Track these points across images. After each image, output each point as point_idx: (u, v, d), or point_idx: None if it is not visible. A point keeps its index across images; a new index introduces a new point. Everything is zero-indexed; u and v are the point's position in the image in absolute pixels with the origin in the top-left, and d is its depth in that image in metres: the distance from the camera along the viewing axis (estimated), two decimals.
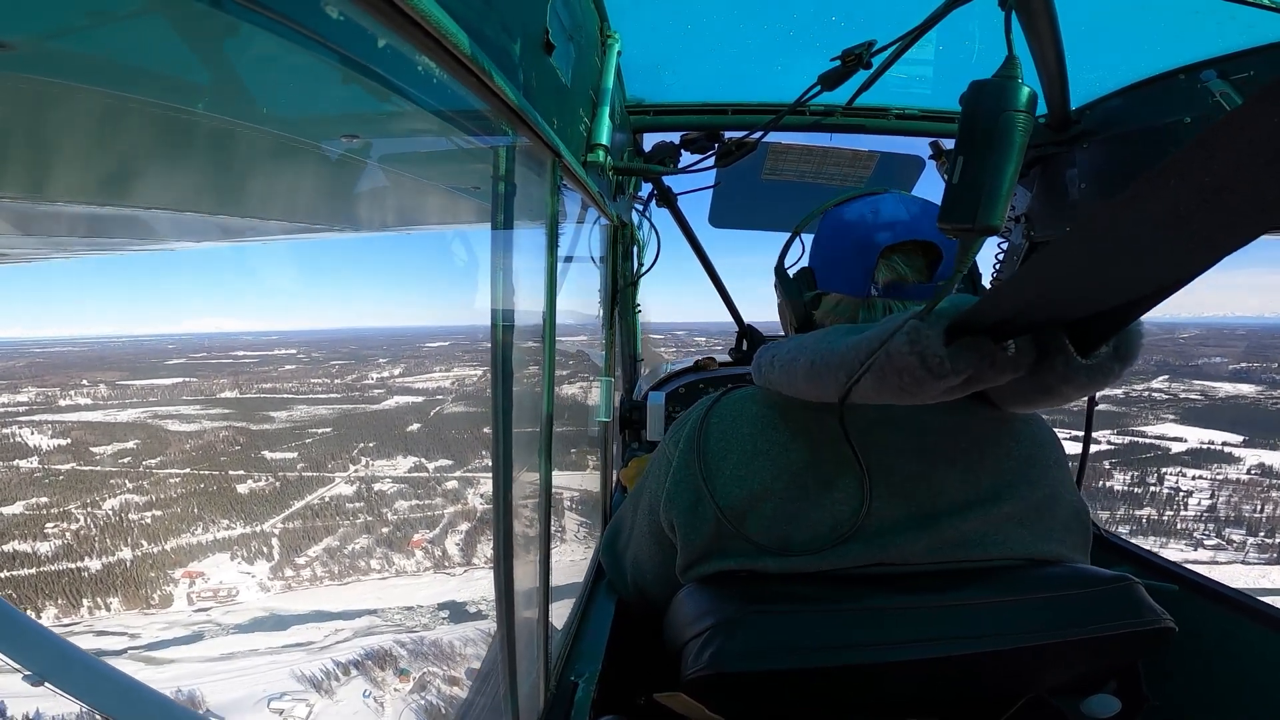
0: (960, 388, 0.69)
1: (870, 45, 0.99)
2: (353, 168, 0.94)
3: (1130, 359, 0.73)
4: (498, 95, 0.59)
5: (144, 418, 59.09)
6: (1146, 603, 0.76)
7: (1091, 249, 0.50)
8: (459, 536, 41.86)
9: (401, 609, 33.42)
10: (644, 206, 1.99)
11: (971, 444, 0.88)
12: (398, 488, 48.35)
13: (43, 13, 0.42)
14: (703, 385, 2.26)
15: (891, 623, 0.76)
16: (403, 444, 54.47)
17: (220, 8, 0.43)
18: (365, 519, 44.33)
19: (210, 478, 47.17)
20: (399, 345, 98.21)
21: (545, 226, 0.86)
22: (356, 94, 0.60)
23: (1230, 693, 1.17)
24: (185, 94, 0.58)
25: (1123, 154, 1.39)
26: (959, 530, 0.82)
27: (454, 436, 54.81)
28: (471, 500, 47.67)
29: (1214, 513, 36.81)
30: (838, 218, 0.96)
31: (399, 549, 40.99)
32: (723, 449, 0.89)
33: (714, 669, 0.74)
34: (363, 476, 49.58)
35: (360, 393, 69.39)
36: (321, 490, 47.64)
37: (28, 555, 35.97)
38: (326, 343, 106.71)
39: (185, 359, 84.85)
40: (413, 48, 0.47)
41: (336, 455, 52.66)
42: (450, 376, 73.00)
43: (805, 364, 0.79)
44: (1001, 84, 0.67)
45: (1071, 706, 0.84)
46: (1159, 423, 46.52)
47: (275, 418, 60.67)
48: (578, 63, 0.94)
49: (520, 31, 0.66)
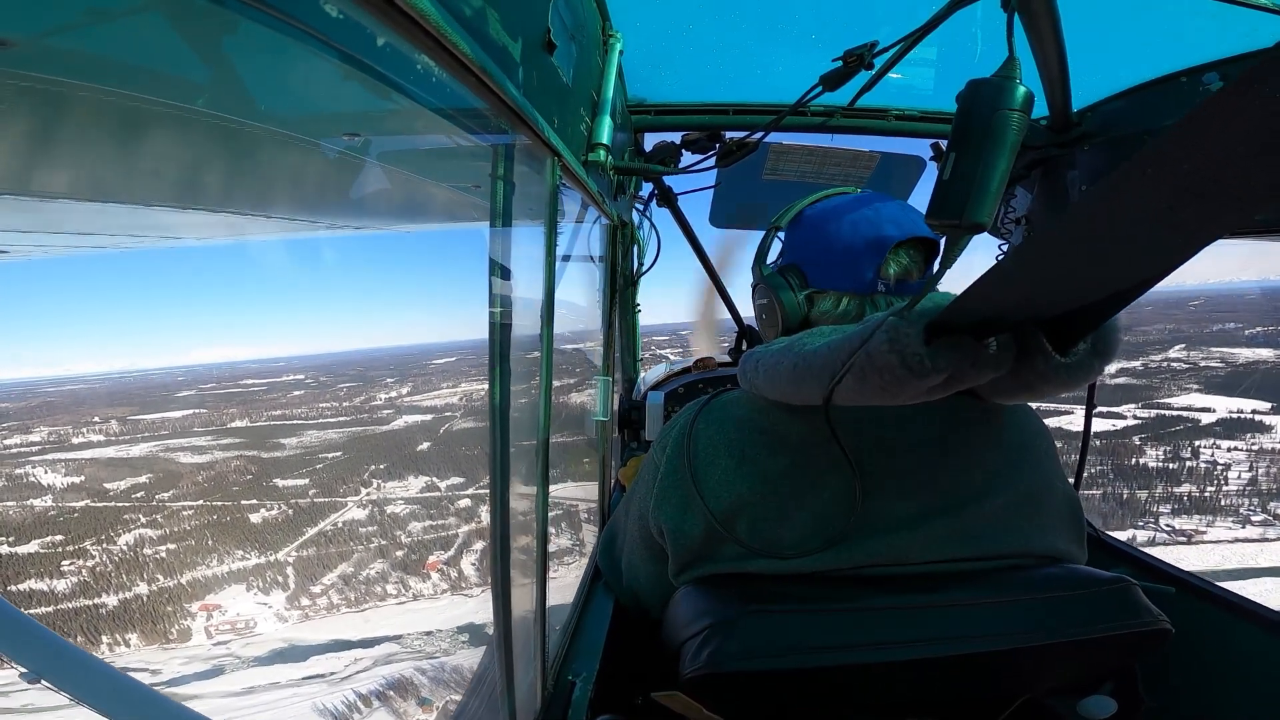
0: (941, 387, 0.69)
1: (872, 46, 0.99)
2: (352, 166, 0.94)
3: (1109, 355, 0.73)
4: (498, 94, 0.59)
5: (156, 451, 59.31)
6: (1143, 604, 0.76)
7: (1073, 243, 0.50)
8: (474, 556, 41.03)
9: (421, 634, 32.60)
10: (644, 206, 1.99)
11: (961, 437, 0.87)
12: (410, 509, 47.71)
13: (43, 11, 0.42)
14: (702, 385, 2.26)
15: (889, 623, 0.76)
16: (414, 464, 54.13)
17: (221, 5, 0.43)
18: (379, 543, 43.63)
19: (223, 508, 46.80)
20: (406, 364, 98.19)
21: (545, 225, 0.86)
22: (356, 92, 0.60)
23: (1226, 694, 1.17)
24: (185, 91, 0.58)
25: (1124, 156, 1.38)
26: (953, 525, 0.83)
27: (464, 454, 54.50)
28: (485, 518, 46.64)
29: (1256, 486, 35.30)
30: (832, 214, 0.95)
31: (415, 572, 40.35)
32: (711, 454, 0.89)
33: (711, 668, 0.74)
34: (375, 499, 48.98)
35: (369, 414, 69.35)
36: (334, 516, 46.88)
37: (45, 594, 35.91)
38: (334, 366, 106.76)
39: (195, 390, 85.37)
40: (413, 47, 0.47)
41: (347, 479, 52.21)
42: (458, 392, 72.77)
43: (789, 367, 0.78)
44: (998, 83, 0.67)
45: (1068, 707, 0.85)
46: (1183, 393, 45.23)
47: (286, 444, 60.65)
48: (579, 62, 0.94)
49: (521, 31, 0.66)
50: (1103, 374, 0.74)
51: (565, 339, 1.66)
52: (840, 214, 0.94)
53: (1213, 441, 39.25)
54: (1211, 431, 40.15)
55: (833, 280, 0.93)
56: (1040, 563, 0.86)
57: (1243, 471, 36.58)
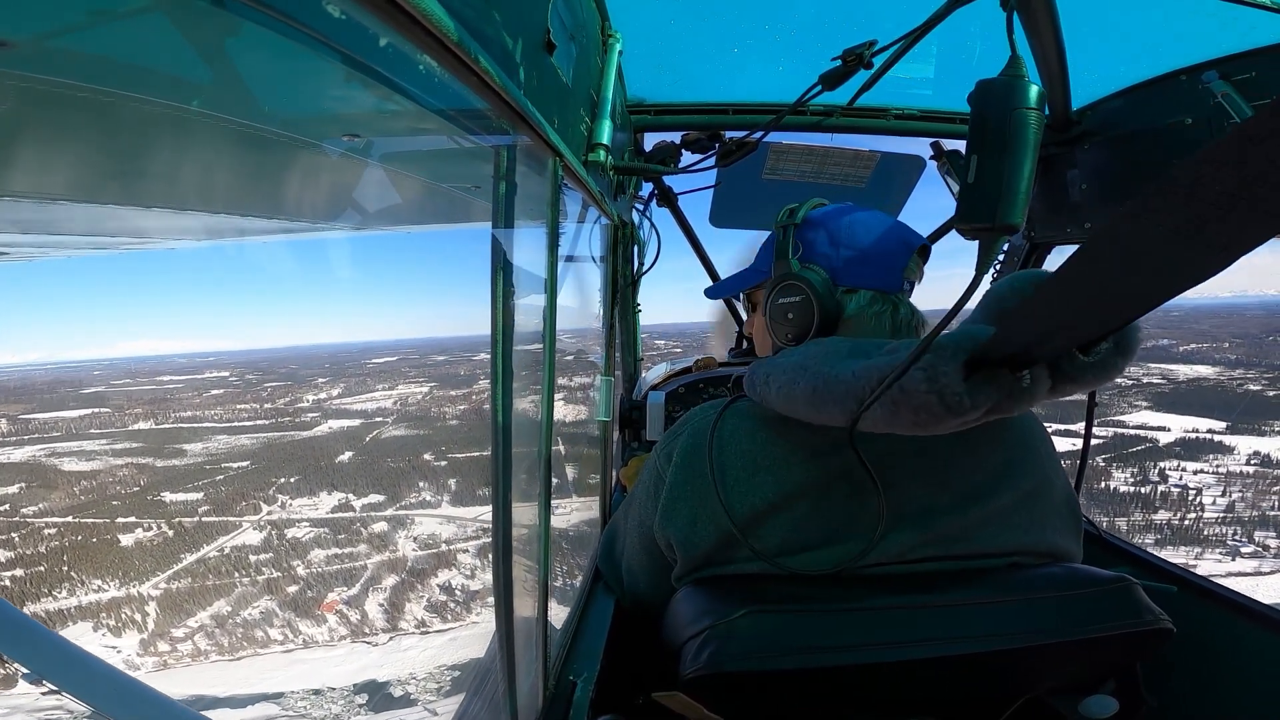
0: (976, 421, 0.68)
1: (871, 45, 0.99)
2: (354, 167, 0.94)
3: (1132, 353, 0.73)
4: (499, 95, 0.59)
5: (39, 456, 53.32)
6: (1145, 603, 0.76)
7: (1105, 268, 0.49)
8: (382, 595, 34.38)
9: (307, 693, 25.23)
10: (644, 206, 1.99)
11: (963, 437, 0.87)
12: (315, 533, 41.26)
13: (43, 11, 0.42)
14: (703, 385, 2.25)
15: (890, 623, 0.76)
16: (329, 477, 48.21)
17: (222, 6, 0.43)
18: (270, 574, 37.10)
19: (92, 527, 40.61)
20: (342, 363, 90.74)
21: (546, 226, 0.86)
22: (357, 93, 0.60)
23: (1229, 693, 1.17)
24: (185, 92, 0.58)
25: (1124, 155, 1.39)
26: (957, 524, 0.83)
27: (390, 467, 49.30)
28: (403, 547, 39.60)
29: (1235, 513, 34.72)
30: (856, 217, 0.98)
31: (308, 614, 33.72)
32: (724, 464, 0.89)
33: (712, 669, 0.74)
34: (275, 520, 42.59)
35: (291, 418, 63.59)
36: (222, 539, 40.52)
37: None
38: (265, 363, 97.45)
39: (106, 386, 77.86)
40: (414, 47, 0.47)
41: (249, 494, 46.04)
42: (393, 395, 67.15)
43: (806, 388, 0.77)
44: (1010, 82, 0.66)
45: (1070, 707, 0.85)
46: (1134, 410, 45.43)
47: (188, 451, 54.93)
48: (579, 62, 0.94)
49: (521, 31, 0.66)
50: (1122, 371, 0.74)
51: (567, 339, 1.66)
52: (861, 217, 0.98)
53: (1177, 464, 38.85)
54: (1172, 452, 39.83)
55: (865, 279, 0.94)
56: (1041, 561, 0.86)
57: (1216, 497, 36.08)
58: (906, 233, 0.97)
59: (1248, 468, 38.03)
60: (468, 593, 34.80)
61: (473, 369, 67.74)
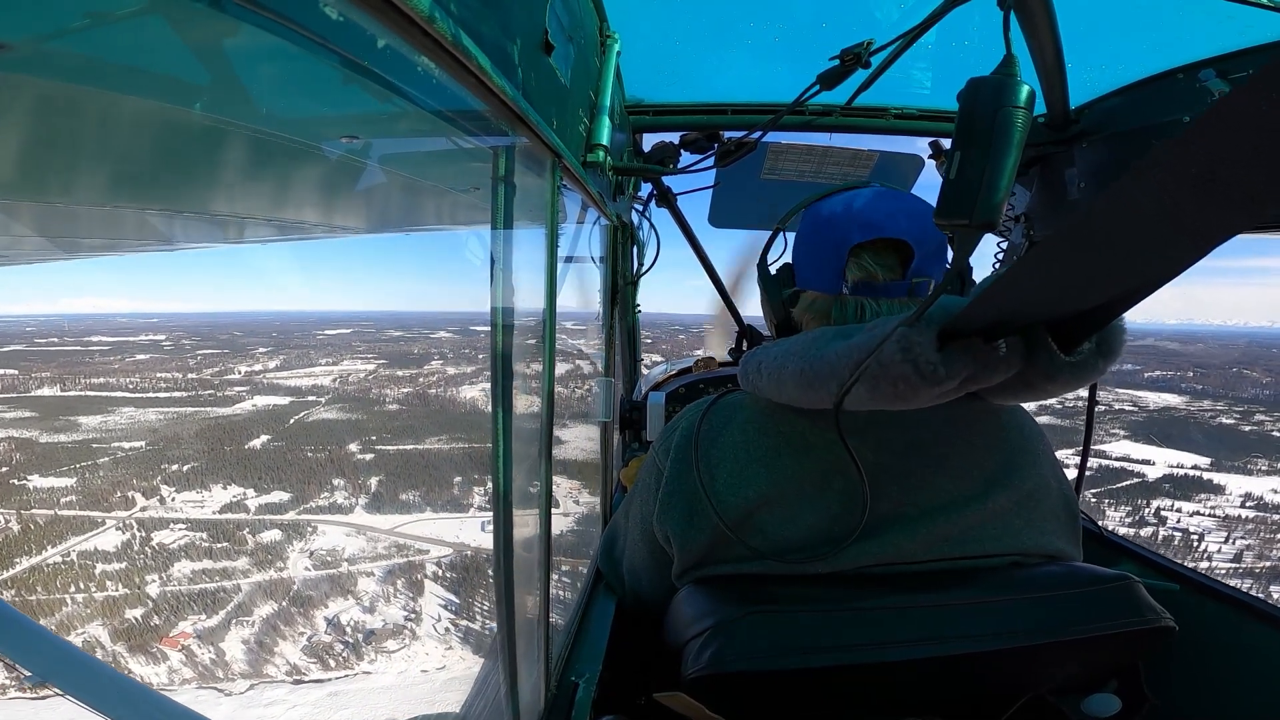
0: (954, 391, 0.69)
1: (869, 45, 0.99)
2: (353, 169, 0.94)
3: (1114, 355, 0.73)
4: (497, 96, 0.59)
5: None
6: (1147, 602, 0.76)
7: (1081, 246, 0.50)
8: (250, 629, 26.49)
9: None
10: (644, 206, 1.99)
11: (962, 438, 0.88)
12: (189, 539, 33.10)
13: (43, 13, 0.42)
14: (703, 385, 2.26)
15: (891, 622, 0.76)
16: (231, 468, 39.99)
17: (220, 9, 0.43)
18: (113, 592, 28.79)
19: None
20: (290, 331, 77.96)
21: (545, 227, 0.86)
22: (356, 95, 0.60)
23: (1231, 691, 1.17)
24: (184, 95, 0.59)
25: (1122, 153, 1.39)
26: (956, 525, 0.83)
27: (308, 458, 41.11)
28: (293, 564, 31.48)
29: (1242, 563, 32.35)
30: (815, 214, 0.96)
31: (142, 648, 25.75)
32: (718, 457, 0.89)
33: (714, 669, 0.74)
34: (146, 520, 34.21)
35: (214, 391, 53.55)
36: (73, 541, 31.87)
37: None
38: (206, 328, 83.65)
39: (25, 345, 66.35)
40: (412, 48, 0.47)
41: (127, 483, 37.33)
42: (334, 372, 56.97)
43: (794, 372, 0.78)
44: (1000, 81, 0.67)
45: (1072, 706, 0.84)
46: (1112, 440, 43.35)
47: (82, 424, 45.43)
48: (577, 63, 0.94)
49: (519, 32, 0.66)
50: (1104, 372, 0.74)
51: (567, 339, 1.66)
52: (821, 213, 0.95)
53: (1172, 503, 36.30)
54: (1163, 490, 37.76)
55: (807, 279, 0.96)
56: (1041, 561, 0.86)
57: (1221, 544, 33.89)
58: (850, 232, 0.89)
59: (1245, 511, 35.73)
60: (362, 632, 26.87)
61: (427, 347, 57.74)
